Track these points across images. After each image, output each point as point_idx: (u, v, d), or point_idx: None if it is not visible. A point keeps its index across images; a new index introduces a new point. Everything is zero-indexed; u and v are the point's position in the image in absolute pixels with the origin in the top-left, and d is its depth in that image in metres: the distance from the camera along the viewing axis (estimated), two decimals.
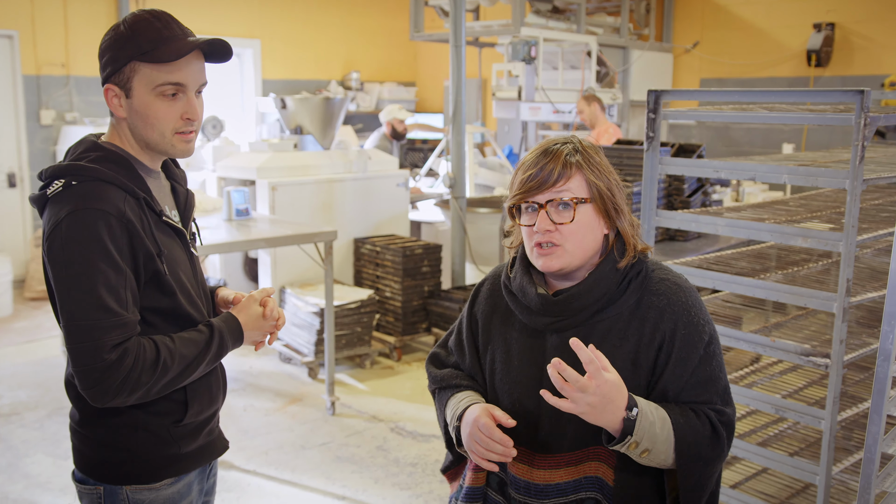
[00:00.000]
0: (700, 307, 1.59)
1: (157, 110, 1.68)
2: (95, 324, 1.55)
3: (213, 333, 1.72)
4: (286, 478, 3.93)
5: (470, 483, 1.71)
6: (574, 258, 1.56)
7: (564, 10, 7.92)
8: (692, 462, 1.51)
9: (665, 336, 1.55)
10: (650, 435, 1.47)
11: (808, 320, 3.46)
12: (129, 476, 1.73)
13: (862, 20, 7.65)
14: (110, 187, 1.63)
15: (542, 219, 1.54)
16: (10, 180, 7.61)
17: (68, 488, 3.73)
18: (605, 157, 1.62)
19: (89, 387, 1.56)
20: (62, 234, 1.58)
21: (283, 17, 9.53)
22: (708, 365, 1.56)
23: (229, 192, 4.96)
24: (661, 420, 1.49)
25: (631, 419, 1.45)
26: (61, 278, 1.58)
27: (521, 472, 1.61)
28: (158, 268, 1.67)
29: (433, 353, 1.85)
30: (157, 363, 1.60)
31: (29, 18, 7.56)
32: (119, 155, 1.69)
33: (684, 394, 1.54)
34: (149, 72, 1.65)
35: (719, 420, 1.54)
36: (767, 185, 7.21)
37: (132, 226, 1.62)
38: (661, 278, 1.61)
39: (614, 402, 1.44)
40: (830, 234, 2.48)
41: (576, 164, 1.55)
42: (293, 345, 5.49)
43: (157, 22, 1.66)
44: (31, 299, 7.20)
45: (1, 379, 5.19)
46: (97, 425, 1.73)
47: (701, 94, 2.86)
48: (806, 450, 3.15)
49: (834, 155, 3.53)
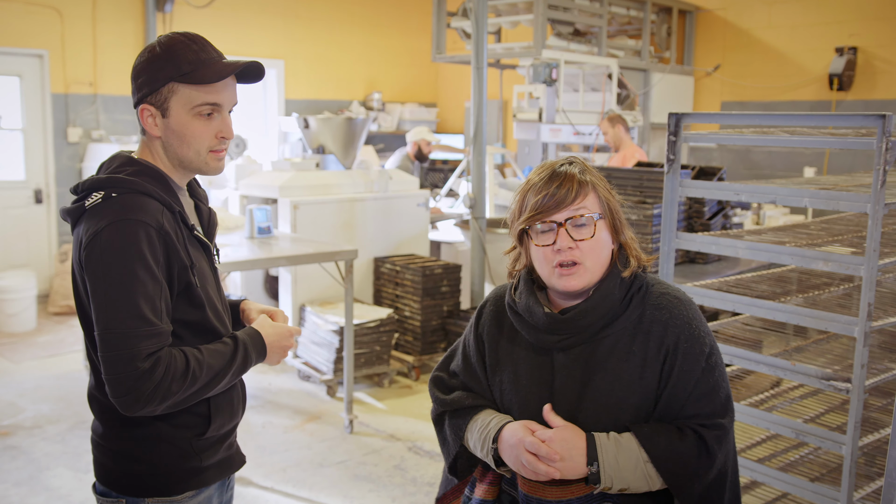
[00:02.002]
0: (700, 320, 1.61)
1: (195, 129, 1.73)
2: (131, 332, 1.57)
3: (238, 346, 1.75)
4: (304, 495, 3.94)
5: (483, 496, 1.72)
6: (594, 275, 1.59)
7: (586, 32, 7.96)
8: (683, 482, 1.54)
9: (669, 349, 1.57)
10: (620, 479, 1.53)
11: (830, 345, 3.43)
12: (150, 489, 1.74)
13: (885, 44, 7.63)
14: (149, 200, 1.67)
15: (563, 237, 1.57)
16: (37, 196, 7.73)
17: (89, 501, 3.76)
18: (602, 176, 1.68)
19: (122, 394, 1.58)
20: (101, 244, 1.61)
21: (307, 37, 9.65)
22: (710, 376, 1.58)
23: (252, 210, 5.01)
24: (633, 460, 1.53)
25: (594, 472, 1.53)
26: (99, 287, 1.60)
27: (532, 490, 1.62)
28: (191, 280, 1.71)
29: (436, 376, 1.86)
30: (187, 373, 1.63)
31: (59, 38, 7.71)
32: (155, 170, 1.74)
33: (689, 405, 1.57)
34: (188, 92, 1.70)
35: (714, 435, 1.55)
36: (788, 209, 7.18)
37: (169, 238, 1.67)
38: (662, 292, 1.64)
39: (577, 448, 1.54)
40: (852, 257, 2.47)
41: (589, 182, 1.60)
42: (312, 363, 5.51)
43: (193, 45, 1.71)
44: (54, 314, 7.28)
45: (24, 392, 5.25)
46: (120, 438, 1.75)
47: (721, 117, 2.87)
48: (827, 475, 3.12)
49: (855, 179, 3.52)
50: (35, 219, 7.74)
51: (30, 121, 7.67)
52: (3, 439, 4.49)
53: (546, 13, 6.99)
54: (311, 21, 9.67)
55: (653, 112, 8.34)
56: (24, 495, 3.85)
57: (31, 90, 7.65)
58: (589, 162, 1.68)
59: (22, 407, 4.99)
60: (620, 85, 7.84)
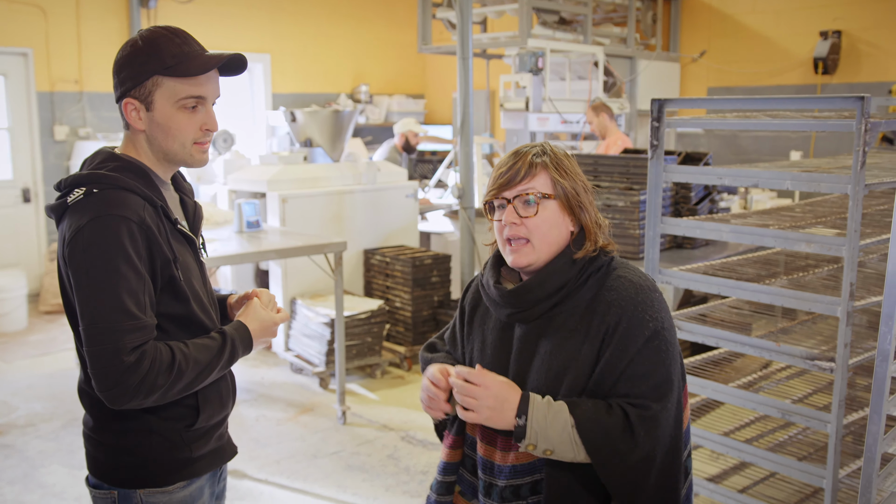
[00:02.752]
0: (649, 304, 1.63)
1: (179, 122, 1.74)
2: (116, 326, 1.59)
3: (226, 340, 1.77)
4: (298, 486, 3.96)
5: (445, 458, 1.82)
6: (541, 253, 1.66)
7: (571, 21, 7.96)
8: (606, 458, 1.56)
9: (609, 328, 1.61)
10: (545, 437, 1.57)
11: (818, 326, 3.47)
12: (142, 480, 1.76)
13: (869, 27, 7.66)
14: (130, 195, 1.68)
15: (510, 212, 1.65)
16: (25, 195, 7.71)
17: (83, 498, 3.77)
18: (576, 163, 1.72)
19: (107, 388, 1.59)
20: (84, 239, 1.62)
21: (293, 31, 9.62)
22: (646, 360, 1.59)
23: (240, 204, 5.01)
24: (561, 423, 1.56)
25: (520, 426, 1.57)
26: (82, 282, 1.61)
27: (487, 453, 1.71)
28: (174, 274, 1.72)
29: (429, 342, 1.96)
30: (173, 367, 1.64)
31: (43, 36, 7.68)
32: (137, 165, 1.74)
33: (621, 384, 1.59)
34: (172, 85, 1.71)
35: (639, 416, 1.57)
36: (776, 193, 7.22)
37: (151, 232, 1.68)
38: (620, 275, 1.67)
39: (508, 401, 1.59)
40: (834, 238, 2.50)
41: (541, 163, 1.66)
42: (304, 355, 5.52)
43: (176, 38, 1.72)
44: (45, 313, 7.27)
45: (16, 391, 5.25)
46: (110, 431, 1.77)
47: (704, 101, 2.88)
48: (814, 454, 3.16)
49: (839, 161, 3.55)
50: (24, 218, 7.72)
51: (16, 120, 7.63)
52: None
53: (531, 2, 6.99)
54: (296, 15, 9.64)
55: (640, 99, 8.36)
56: (18, 493, 3.86)
57: (16, 89, 7.61)
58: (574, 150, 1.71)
59: (15, 406, 4.99)
60: (607, 73, 7.85)
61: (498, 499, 1.68)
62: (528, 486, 1.66)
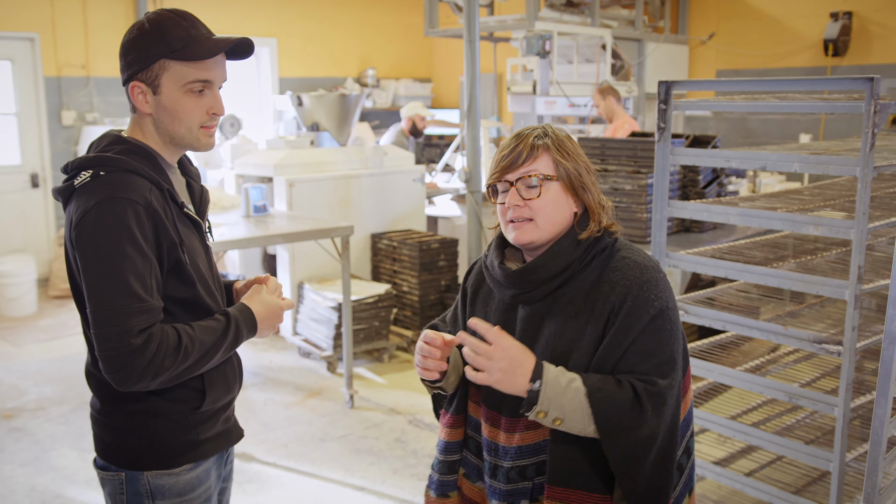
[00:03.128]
0: (654, 284, 1.62)
1: (186, 106, 1.73)
2: (122, 309, 1.59)
3: (230, 322, 1.77)
4: (306, 470, 3.98)
5: (444, 437, 1.82)
6: (544, 232, 1.66)
7: (578, 3, 7.90)
8: (613, 431, 1.55)
9: (613, 308, 1.60)
10: (558, 405, 1.53)
11: (827, 310, 3.45)
12: (149, 462, 1.77)
13: (880, 8, 7.58)
14: (137, 178, 1.68)
15: (513, 195, 1.66)
16: (34, 180, 7.73)
17: (94, 480, 3.81)
18: (577, 145, 1.72)
19: (115, 370, 1.60)
20: (91, 222, 1.62)
21: (300, 15, 9.59)
22: (651, 338, 1.59)
23: (247, 188, 5.02)
24: (573, 391, 1.54)
25: (534, 390, 1.53)
26: (89, 265, 1.62)
27: (492, 435, 1.72)
28: (180, 257, 1.72)
29: (431, 324, 1.97)
30: (179, 349, 1.65)
31: (49, 21, 7.67)
32: (144, 148, 1.74)
33: (623, 362, 1.59)
34: (179, 69, 1.70)
35: (647, 390, 1.56)
36: (785, 176, 7.17)
37: (157, 215, 1.67)
38: (624, 256, 1.67)
39: (523, 366, 1.54)
40: (842, 221, 2.48)
41: (542, 145, 1.66)
42: (312, 339, 5.54)
43: (183, 21, 1.71)
44: (54, 297, 7.31)
45: (27, 375, 5.28)
46: (118, 413, 1.78)
47: (711, 83, 2.86)
48: (821, 438, 3.15)
49: (847, 143, 3.52)
50: (32, 203, 7.74)
51: (23, 105, 7.64)
52: (8, 421, 4.53)
53: None
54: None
55: (647, 82, 8.30)
56: (30, 475, 3.90)
57: (23, 74, 7.62)
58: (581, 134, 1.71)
59: (25, 389, 5.03)
60: (614, 55, 7.80)
61: (504, 480, 1.68)
62: (534, 466, 1.66)
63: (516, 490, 1.68)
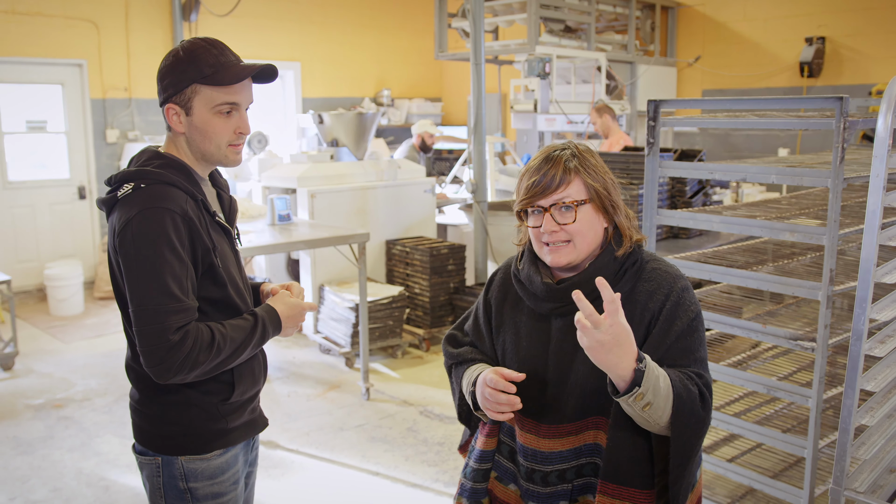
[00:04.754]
0: (687, 290, 1.60)
1: (215, 126, 1.74)
2: (162, 308, 1.60)
3: (258, 321, 1.78)
4: (325, 456, 3.99)
5: (482, 447, 1.74)
6: (581, 252, 1.59)
7: (576, 29, 7.91)
8: (686, 418, 1.48)
9: (654, 314, 1.56)
10: (654, 388, 1.43)
11: (803, 309, 3.43)
12: (183, 448, 1.78)
13: (850, 34, 7.56)
14: (174, 189, 1.69)
15: (548, 221, 1.57)
16: (81, 193, 7.78)
17: (133, 464, 3.82)
18: (600, 159, 1.64)
19: (154, 364, 1.61)
20: (133, 230, 1.63)
21: (321, 40, 9.63)
22: (689, 337, 1.56)
23: (273, 199, 5.03)
24: (662, 376, 1.47)
25: (641, 370, 1.41)
26: (132, 268, 1.63)
27: (529, 441, 1.64)
28: (213, 261, 1.73)
29: (450, 334, 1.87)
30: (213, 345, 1.66)
31: (96, 49, 7.73)
32: (179, 162, 1.75)
33: (666, 358, 1.53)
34: (209, 93, 1.72)
35: (704, 383, 1.53)
36: (765, 187, 7.15)
37: (192, 223, 1.69)
38: (654, 268, 1.63)
39: (622, 347, 1.39)
40: (815, 228, 2.47)
41: (574, 168, 1.57)
42: (332, 337, 5.55)
43: (213, 49, 1.72)
44: (99, 298, 7.35)
45: (74, 369, 5.32)
46: (155, 403, 1.79)
47: (696, 102, 2.86)
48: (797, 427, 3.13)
49: (821, 157, 3.51)
50: (79, 213, 7.79)
51: (72, 124, 7.70)
52: (57, 411, 4.56)
53: (539, 12, 6.95)
54: (324, 25, 9.64)
55: (639, 101, 8.30)
56: (76, 459, 3.92)
57: (72, 96, 7.68)
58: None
59: (73, 382, 5.06)
60: (609, 77, 7.80)
61: (541, 483, 1.62)
62: (574, 469, 1.61)
63: (555, 493, 1.62)
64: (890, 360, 2.04)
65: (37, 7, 7.32)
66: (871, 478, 2.04)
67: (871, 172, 1.79)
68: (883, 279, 1.89)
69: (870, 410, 1.96)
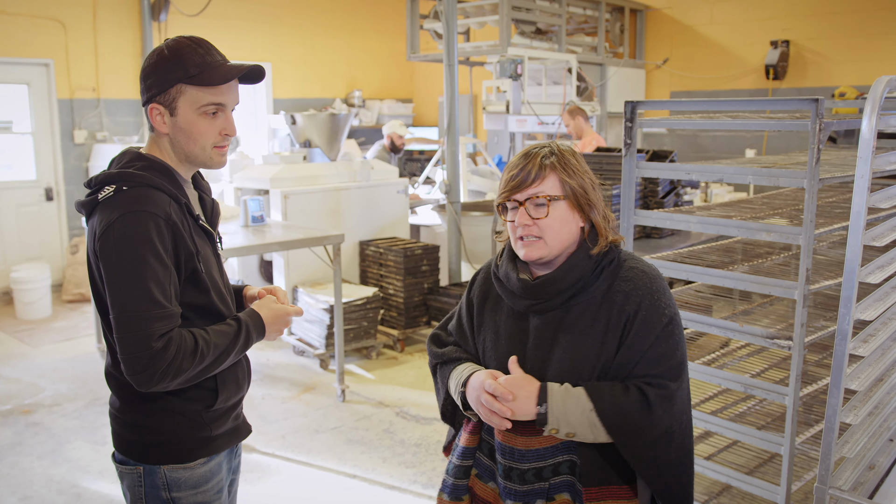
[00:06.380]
0: (663, 292, 1.61)
1: (200, 127, 1.69)
2: (144, 314, 1.55)
3: (241, 326, 1.73)
4: (302, 459, 3.94)
5: (465, 444, 1.76)
6: (552, 248, 1.60)
7: (546, 31, 7.93)
8: (627, 436, 1.54)
9: (629, 316, 1.57)
10: (566, 422, 1.54)
11: (773, 307, 3.47)
12: (166, 456, 1.73)
13: (814, 38, 7.68)
14: (157, 192, 1.64)
15: (521, 214, 1.60)
16: (48, 194, 7.61)
17: (107, 471, 3.74)
18: (583, 160, 1.66)
19: (137, 372, 1.56)
20: (114, 234, 1.58)
21: (292, 41, 9.53)
22: (664, 343, 1.57)
23: (246, 200, 4.96)
24: (580, 407, 1.53)
25: (542, 413, 1.54)
26: (113, 273, 1.57)
27: (506, 439, 1.65)
28: (196, 266, 1.68)
29: (434, 333, 1.88)
30: (196, 352, 1.61)
31: (63, 48, 7.56)
32: (162, 164, 1.70)
33: (640, 366, 1.56)
34: (194, 93, 1.67)
35: (657, 393, 1.54)
36: (733, 187, 7.23)
37: (176, 227, 1.64)
38: (631, 266, 1.64)
39: (528, 392, 1.56)
40: (792, 228, 2.49)
41: (550, 165, 1.60)
42: (306, 339, 5.49)
43: (199, 48, 1.67)
44: (67, 301, 7.19)
45: (43, 373, 5.19)
46: (136, 411, 1.73)
47: (672, 104, 2.87)
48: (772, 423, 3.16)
49: (792, 158, 3.55)
50: (47, 215, 7.62)
51: (38, 125, 7.52)
52: (26, 417, 4.44)
53: (510, 14, 6.95)
54: (295, 26, 9.55)
55: (609, 102, 8.35)
56: (47, 467, 3.82)
57: (38, 96, 7.50)
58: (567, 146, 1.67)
59: (42, 387, 4.93)
60: (579, 78, 7.83)
61: (519, 481, 1.63)
62: (551, 468, 1.62)
63: (532, 491, 1.63)
64: (872, 359, 2.06)
65: (1, 5, 7.13)
66: (854, 476, 2.06)
67: (856, 173, 1.80)
68: (867, 279, 1.90)
69: (853, 409, 1.97)
